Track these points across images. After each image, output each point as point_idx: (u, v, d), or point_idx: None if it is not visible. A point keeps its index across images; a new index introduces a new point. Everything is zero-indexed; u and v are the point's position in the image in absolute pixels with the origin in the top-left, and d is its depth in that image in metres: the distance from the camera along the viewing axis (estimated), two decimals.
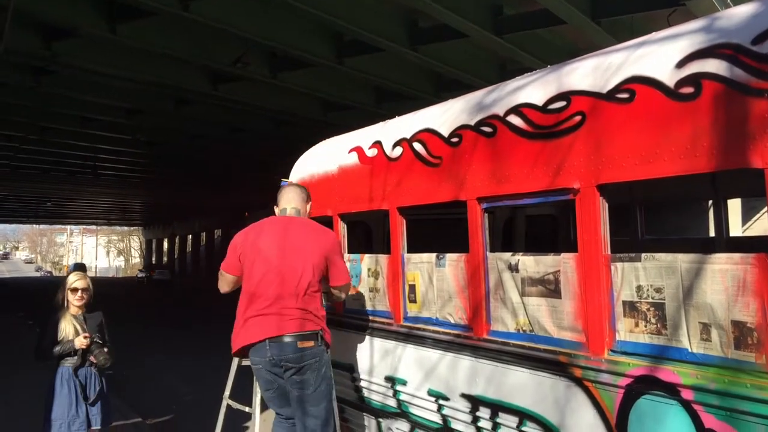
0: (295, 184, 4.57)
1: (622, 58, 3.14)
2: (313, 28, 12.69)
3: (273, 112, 17.77)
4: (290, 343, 3.91)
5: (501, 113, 3.67)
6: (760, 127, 2.47)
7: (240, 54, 12.97)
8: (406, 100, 15.86)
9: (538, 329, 3.42)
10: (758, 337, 2.50)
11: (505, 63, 14.86)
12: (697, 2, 10.61)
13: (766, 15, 2.61)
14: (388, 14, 12.16)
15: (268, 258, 4.07)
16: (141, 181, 33.92)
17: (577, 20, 11.42)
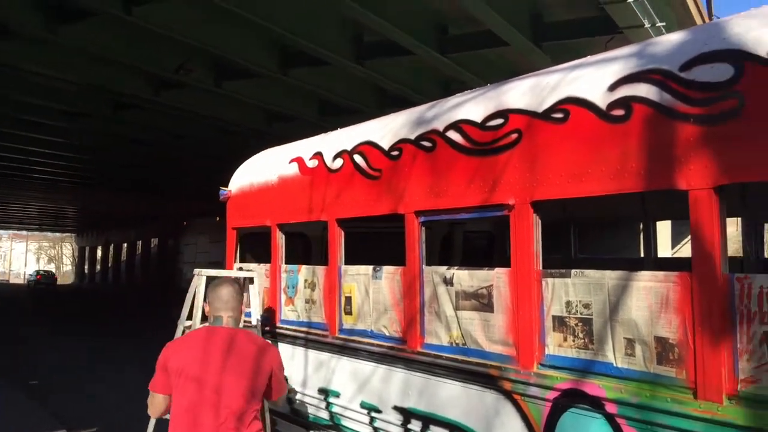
0: (230, 280, 3.81)
1: (558, 78, 3.23)
2: (258, 39, 12.62)
3: (216, 120, 17.55)
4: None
5: (441, 128, 3.72)
6: (685, 151, 2.57)
7: (183, 61, 12.79)
8: (351, 113, 15.90)
9: (470, 342, 3.46)
10: (679, 353, 2.59)
11: (449, 82, 15.08)
12: (634, 31, 11.01)
13: (693, 43, 2.72)
14: (335, 28, 12.20)
15: (202, 381, 3.39)
16: (75, 186, 32.90)
17: (519, 43, 11.70)
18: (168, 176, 27.66)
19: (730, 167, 2.44)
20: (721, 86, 2.48)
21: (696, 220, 2.54)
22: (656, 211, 5.25)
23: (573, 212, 5.54)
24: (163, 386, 3.47)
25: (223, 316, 3.53)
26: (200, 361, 3.44)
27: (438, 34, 12.25)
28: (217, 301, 3.54)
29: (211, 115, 16.66)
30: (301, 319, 4.78)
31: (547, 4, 11.52)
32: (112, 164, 25.85)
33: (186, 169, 25.63)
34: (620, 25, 10.85)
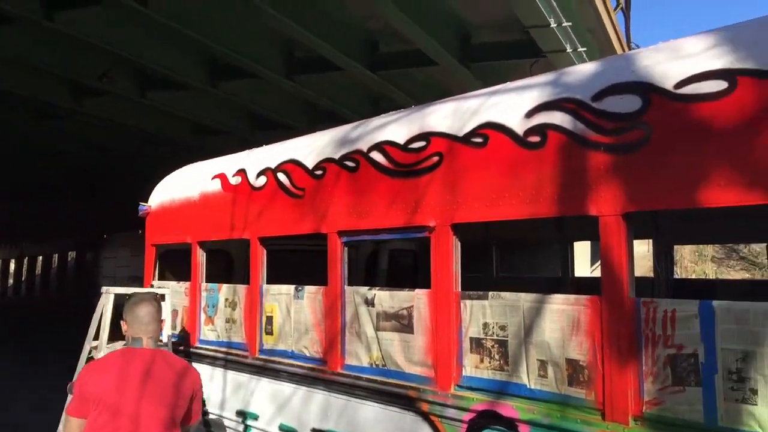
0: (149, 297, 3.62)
1: (479, 103, 3.30)
2: (186, 50, 12.38)
3: (141, 131, 17.08)
4: None
5: (364, 149, 3.73)
6: (596, 178, 2.66)
7: (106, 69, 12.42)
8: (281, 128, 15.79)
9: (390, 364, 3.46)
10: (589, 375, 2.66)
11: (379, 99, 15.17)
12: (557, 55, 11.37)
13: (605, 74, 2.83)
14: (265, 41, 12.10)
15: (119, 408, 3.25)
16: None
17: (448, 63, 11.90)
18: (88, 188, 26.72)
19: (638, 195, 2.54)
20: (630, 117, 2.58)
21: (605, 245, 2.62)
22: (573, 233, 5.40)
23: (495, 233, 5.65)
24: (78, 410, 3.28)
25: (142, 337, 3.36)
26: (117, 387, 3.26)
27: (368, 51, 12.32)
28: (136, 322, 3.37)
29: (136, 126, 16.21)
30: (221, 339, 4.68)
31: (476, 26, 11.77)
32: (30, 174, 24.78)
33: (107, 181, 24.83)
34: (544, 49, 11.19)
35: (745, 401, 2.25)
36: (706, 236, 5.81)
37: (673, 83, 2.48)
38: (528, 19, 10.35)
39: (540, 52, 11.37)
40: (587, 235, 5.84)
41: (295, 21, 10.13)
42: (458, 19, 11.53)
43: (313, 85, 13.54)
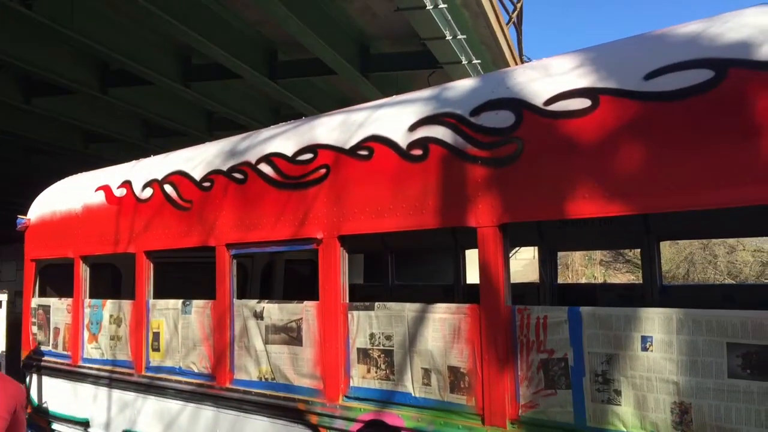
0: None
1: (365, 116, 3.34)
2: (74, 54, 11.86)
3: (24, 139, 16.18)
4: None
5: (253, 161, 3.70)
6: (474, 190, 2.75)
7: None
8: (177, 135, 15.38)
9: (279, 377, 3.44)
10: (469, 381, 2.74)
11: (279, 107, 15.07)
12: (453, 66, 11.68)
13: (483, 89, 2.93)
14: (160, 47, 11.77)
15: None
16: None
17: (346, 72, 11.96)
18: None
19: (511, 207, 2.64)
20: (504, 131, 2.69)
21: (483, 255, 2.71)
22: (465, 241, 5.55)
23: (390, 242, 5.73)
24: None
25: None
26: None
27: (267, 60, 12.22)
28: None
29: (18, 134, 15.34)
30: (106, 357, 4.50)
31: (375, 37, 11.90)
32: None
33: None
34: (440, 60, 11.47)
35: (610, 402, 2.38)
36: (587, 243, 6.09)
37: (543, 100, 2.60)
38: (425, 32, 10.56)
39: (437, 63, 11.64)
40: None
41: (189, 27, 9.91)
42: (357, 29, 11.63)
43: (211, 92, 13.29)
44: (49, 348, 5.02)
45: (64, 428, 4.76)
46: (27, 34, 10.74)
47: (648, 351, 2.30)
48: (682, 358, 2.22)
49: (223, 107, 14.02)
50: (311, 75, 12.77)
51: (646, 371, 2.30)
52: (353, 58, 11.90)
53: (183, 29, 9.85)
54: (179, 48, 12.01)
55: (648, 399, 2.29)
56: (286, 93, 13.10)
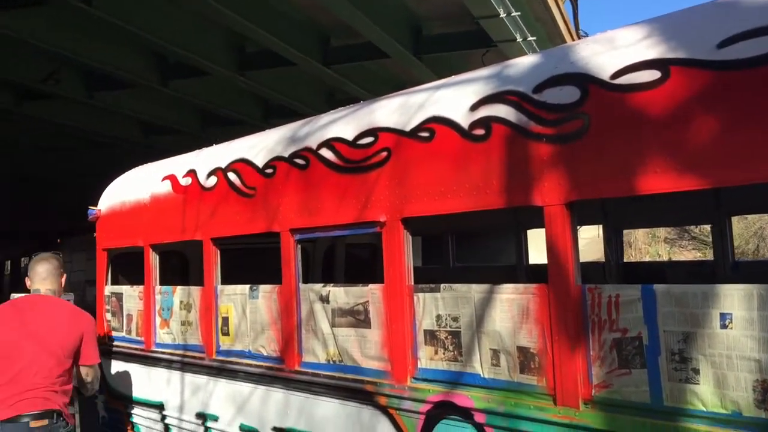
0: (48, 256, 4.10)
1: (425, 98, 3.32)
2: (135, 48, 12.18)
3: (89, 133, 16.73)
4: (24, 424, 3.65)
5: (314, 146, 3.73)
6: (540, 169, 2.71)
7: (51, 70, 12.12)
8: (234, 125, 15.65)
9: (347, 359, 3.48)
10: (540, 362, 2.72)
11: (333, 92, 15.15)
12: (507, 45, 11.51)
13: (545, 66, 2.88)
14: (215, 38, 11.97)
15: (9, 338, 3.72)
16: None
17: (399, 55, 11.93)
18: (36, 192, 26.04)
19: (579, 184, 2.59)
20: (569, 107, 2.63)
21: (550, 234, 2.67)
22: (527, 221, 5.48)
23: (450, 223, 5.70)
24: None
25: (40, 288, 3.92)
26: (11, 325, 3.77)
27: (320, 46, 12.29)
28: (35, 276, 3.95)
29: (83, 127, 15.88)
30: (177, 342, 4.63)
31: (426, 18, 11.82)
32: None
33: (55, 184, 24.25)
34: (494, 39, 11.32)
35: (688, 381, 2.33)
36: (654, 219, 5.95)
37: (610, 74, 2.53)
38: (478, 10, 10.43)
39: (491, 42, 11.50)
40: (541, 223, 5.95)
41: (243, 17, 10.05)
42: (409, 11, 11.56)
43: (266, 80, 13.46)
44: (123, 334, 5.20)
45: (140, 411, 4.93)
46: (88, 31, 11.07)
47: (727, 328, 2.23)
48: (765, 335, 2.15)
49: (278, 94, 14.19)
50: (364, 59, 12.79)
51: (725, 349, 2.23)
52: (406, 41, 11.85)
53: (238, 19, 10.00)
54: (234, 38, 12.18)
55: (728, 377, 2.23)
56: (339, 78, 13.17)
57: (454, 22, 11.67)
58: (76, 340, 3.81)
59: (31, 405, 3.65)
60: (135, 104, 14.62)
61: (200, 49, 11.63)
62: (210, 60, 12.00)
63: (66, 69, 12.44)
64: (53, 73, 12.07)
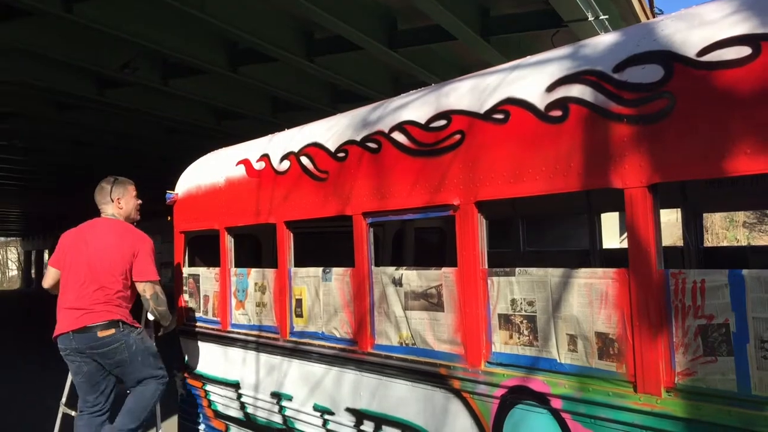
0: (102, 184, 4.83)
1: (499, 79, 3.27)
2: (206, 36, 12.43)
3: (164, 119, 17.23)
4: (93, 334, 4.37)
5: (386, 130, 3.73)
6: (620, 150, 2.63)
7: (128, 59, 12.52)
8: (303, 110, 15.83)
9: (419, 342, 3.49)
10: (619, 348, 2.66)
11: (399, 76, 15.11)
12: (578, 24, 11.20)
13: (625, 44, 2.79)
14: (284, 24, 12.10)
15: (75, 258, 4.52)
16: (18, 189, 31.96)
17: (467, 37, 11.78)
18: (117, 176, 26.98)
19: (663, 166, 2.51)
20: (652, 87, 2.55)
21: (631, 217, 2.60)
22: (600, 204, 5.36)
23: (521, 206, 5.63)
24: (54, 262, 4.67)
25: (101, 213, 4.77)
26: (77, 245, 4.56)
27: (387, 29, 12.25)
28: (99, 203, 4.77)
29: (159, 114, 16.35)
30: (252, 322, 4.75)
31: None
32: (57, 166, 25.14)
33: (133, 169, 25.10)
34: (565, 18, 11.02)
35: None
36: (735, 203, 5.72)
37: (696, 51, 2.44)
38: None
39: (561, 22, 11.21)
40: (614, 206, 5.80)
41: (311, 2, 10.11)
42: None
43: (334, 65, 13.53)
44: (200, 314, 5.36)
45: (217, 389, 5.09)
46: (161, 18, 11.37)
47: None
48: None
49: (345, 79, 14.25)
50: (431, 42, 12.69)
51: None
52: (473, 22, 11.69)
53: (306, 5, 10.07)
54: (302, 24, 12.28)
55: None
56: (406, 62, 13.11)
57: (523, 2, 11.44)
58: (126, 258, 4.49)
59: (97, 317, 4.36)
60: (207, 90, 14.94)
61: (269, 36, 11.78)
62: (278, 46, 12.14)
63: (142, 57, 12.81)
64: (130, 62, 12.45)
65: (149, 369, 4.56)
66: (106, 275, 4.44)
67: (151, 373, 4.56)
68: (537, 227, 6.62)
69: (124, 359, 4.45)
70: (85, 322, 4.36)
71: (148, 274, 4.58)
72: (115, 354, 4.42)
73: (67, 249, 4.62)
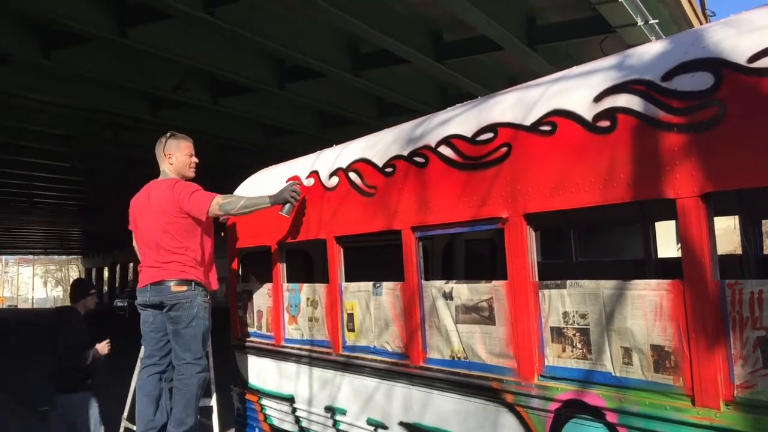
0: (162, 137, 5.01)
1: (544, 91, 3.26)
2: (254, 54, 12.72)
3: (215, 137, 17.64)
4: (167, 287, 4.61)
5: (432, 144, 3.75)
6: (671, 160, 2.60)
7: (180, 80, 12.89)
8: (349, 124, 16.00)
9: (471, 356, 3.48)
10: (675, 361, 2.61)
11: (446, 87, 15.15)
12: (627, 29, 11.04)
13: (674, 53, 2.75)
14: (330, 40, 12.28)
15: (137, 219, 4.88)
16: (78, 209, 33.13)
17: (513, 47, 11.75)
18: None
19: (716, 175, 2.46)
20: (702, 95, 2.51)
21: (684, 228, 2.56)
22: (655, 213, 5.26)
23: (572, 216, 5.56)
24: (132, 227, 4.97)
25: (160, 165, 4.97)
26: (137, 205, 4.92)
27: (433, 42, 12.32)
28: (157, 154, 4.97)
29: (210, 132, 16.75)
30: (305, 337, 4.81)
31: (539, 8, 11.57)
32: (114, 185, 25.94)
33: None
34: (613, 24, 10.89)
35: None
36: None
37: (746, 57, 2.39)
38: None
39: (609, 28, 11.08)
40: (670, 215, 5.68)
41: (357, 18, 10.24)
42: (522, 1, 11.35)
43: (380, 79, 13.66)
44: (254, 329, 5.46)
45: (272, 403, 5.16)
46: (210, 39, 11.68)
47: None
48: None
49: (392, 92, 14.36)
50: (477, 53, 12.71)
51: None
52: (520, 32, 11.65)
53: (352, 21, 10.20)
54: (347, 39, 12.45)
55: None
56: (452, 73, 13.15)
57: (569, 10, 11.36)
58: (172, 213, 4.64)
59: (171, 273, 4.61)
60: (256, 108, 15.25)
61: (316, 52, 11.98)
62: (325, 62, 12.33)
63: (192, 78, 13.16)
64: (182, 82, 12.81)
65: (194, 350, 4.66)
66: (161, 235, 4.65)
67: (193, 357, 4.65)
68: (590, 237, 6.52)
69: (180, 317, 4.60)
70: (161, 276, 4.62)
71: (202, 204, 4.67)
72: (177, 309, 4.60)
73: (135, 213, 4.91)
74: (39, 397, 11.99)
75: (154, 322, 4.74)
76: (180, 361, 4.65)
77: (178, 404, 4.60)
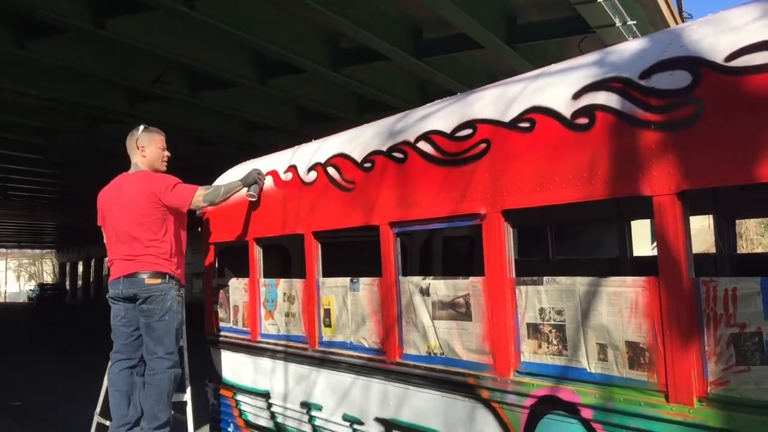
0: (135, 129, 5.01)
1: (523, 88, 3.27)
2: (234, 49, 12.61)
3: (193, 131, 17.47)
4: (141, 280, 4.60)
5: (411, 139, 3.74)
6: (648, 157, 2.61)
7: (159, 73, 12.74)
8: (330, 120, 15.93)
9: (448, 352, 3.48)
10: (650, 357, 2.63)
11: (426, 85, 15.14)
12: (605, 30, 11.12)
13: (652, 51, 2.77)
14: (310, 36, 12.21)
15: (107, 214, 4.82)
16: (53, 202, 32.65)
17: (493, 45, 11.78)
18: None
19: (692, 173, 2.48)
20: (680, 93, 2.52)
21: (660, 225, 2.58)
22: (630, 211, 5.31)
23: (549, 214, 5.59)
24: (100, 222, 4.93)
25: (130, 157, 4.95)
26: (106, 199, 4.86)
27: (413, 39, 12.31)
28: (128, 146, 4.97)
29: (188, 126, 16.59)
30: (281, 332, 4.78)
31: (520, 7, 11.60)
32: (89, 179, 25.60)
33: None
34: (592, 24, 10.96)
35: None
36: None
37: (724, 56, 2.41)
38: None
39: (588, 28, 11.15)
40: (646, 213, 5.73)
41: (338, 14, 10.19)
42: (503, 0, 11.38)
43: (360, 75, 13.62)
44: (230, 325, 5.42)
45: (248, 399, 5.12)
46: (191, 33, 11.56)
47: None
48: None
49: (372, 89, 14.33)
50: (457, 51, 12.71)
51: None
52: (499, 30, 11.69)
53: (333, 17, 10.16)
54: (328, 34, 12.39)
55: None
56: (432, 71, 13.15)
57: (549, 9, 11.40)
58: (147, 205, 4.64)
59: (145, 266, 4.59)
60: (235, 102, 15.13)
61: (296, 47, 11.91)
62: (306, 57, 12.26)
63: (171, 71, 13.02)
64: (161, 76, 12.67)
65: (166, 345, 4.64)
66: (135, 227, 4.62)
67: (165, 351, 4.63)
68: (566, 234, 6.56)
69: (153, 311, 4.59)
70: (135, 269, 4.60)
71: (185, 196, 4.74)
72: (150, 302, 4.59)
73: (105, 206, 4.85)
74: (9, 392, 11.83)
75: (125, 317, 4.72)
76: (151, 355, 4.62)
77: (150, 400, 4.56)
